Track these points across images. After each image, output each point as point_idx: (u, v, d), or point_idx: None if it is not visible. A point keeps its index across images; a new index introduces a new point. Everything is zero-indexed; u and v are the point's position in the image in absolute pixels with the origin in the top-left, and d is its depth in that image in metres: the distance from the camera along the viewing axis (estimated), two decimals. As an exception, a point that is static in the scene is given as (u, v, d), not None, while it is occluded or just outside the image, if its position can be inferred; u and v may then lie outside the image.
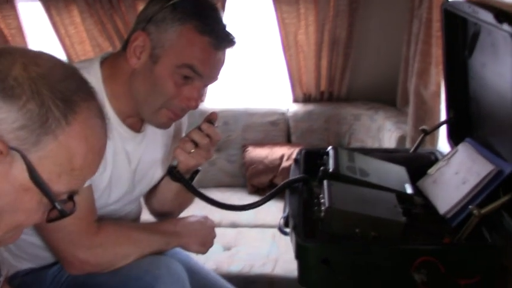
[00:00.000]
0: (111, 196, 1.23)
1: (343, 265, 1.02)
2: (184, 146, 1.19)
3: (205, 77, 1.14)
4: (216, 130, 1.20)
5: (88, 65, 1.18)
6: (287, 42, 2.74)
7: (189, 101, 1.15)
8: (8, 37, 2.86)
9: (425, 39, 2.10)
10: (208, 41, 1.11)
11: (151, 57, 1.12)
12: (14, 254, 1.27)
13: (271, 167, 2.72)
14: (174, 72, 1.11)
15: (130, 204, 1.35)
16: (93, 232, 1.13)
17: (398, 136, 2.33)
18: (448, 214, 1.17)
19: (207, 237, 1.31)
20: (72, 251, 1.11)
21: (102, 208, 1.22)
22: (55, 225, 1.08)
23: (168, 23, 1.10)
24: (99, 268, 1.14)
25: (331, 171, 1.25)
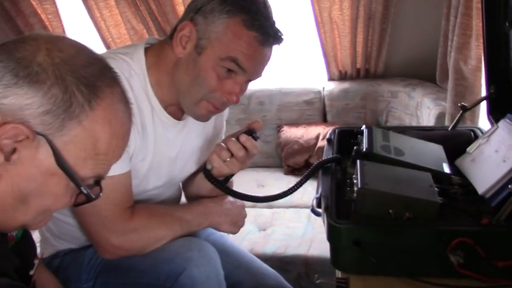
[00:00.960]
0: (150, 183, 1.25)
1: (376, 247, 1.00)
2: (220, 153, 1.18)
3: (248, 72, 1.13)
4: (254, 144, 1.19)
5: (132, 50, 1.19)
6: (321, 19, 2.69)
7: (230, 95, 1.14)
8: (46, 22, 2.92)
9: (465, 11, 2.02)
10: (254, 36, 1.09)
11: (197, 48, 1.12)
12: (55, 235, 1.31)
13: (306, 146, 2.70)
14: (218, 64, 1.11)
15: (170, 190, 1.36)
16: (127, 218, 1.14)
17: (437, 113, 2.26)
18: (487, 194, 1.12)
19: (237, 217, 1.31)
20: (106, 236, 1.13)
21: (140, 194, 1.24)
22: (91, 210, 1.10)
23: (216, 15, 1.10)
24: (132, 253, 1.16)
25: (364, 150, 1.22)
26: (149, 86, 1.18)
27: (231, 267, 1.34)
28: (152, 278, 1.12)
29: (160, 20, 2.80)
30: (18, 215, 0.72)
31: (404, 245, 1.00)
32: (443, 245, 0.96)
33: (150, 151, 1.21)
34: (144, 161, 1.20)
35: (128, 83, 1.13)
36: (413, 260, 1.01)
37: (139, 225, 1.15)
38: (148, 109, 1.18)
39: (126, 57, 1.17)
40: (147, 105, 1.18)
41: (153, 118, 1.20)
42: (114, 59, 1.15)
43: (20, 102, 0.66)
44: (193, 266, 1.10)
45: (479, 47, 1.93)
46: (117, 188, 1.12)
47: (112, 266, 1.20)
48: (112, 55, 1.16)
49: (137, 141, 1.16)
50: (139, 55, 1.18)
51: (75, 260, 1.27)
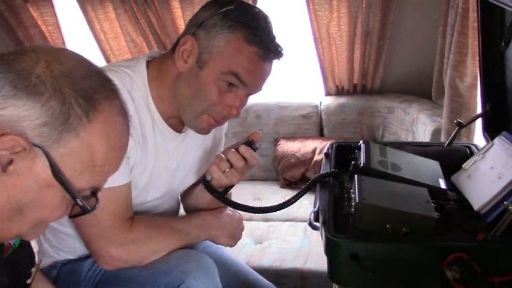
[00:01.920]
0: (149, 194, 1.26)
1: (373, 261, 1.01)
2: (219, 164, 1.19)
3: (249, 86, 1.15)
4: (253, 154, 1.20)
5: (134, 63, 1.20)
6: (319, 35, 2.72)
7: (230, 108, 1.16)
8: (46, 33, 2.94)
9: (462, 30, 2.05)
10: (255, 51, 1.11)
11: (198, 62, 1.13)
12: (53, 246, 1.31)
13: (303, 160, 2.71)
14: (219, 78, 1.12)
15: (169, 202, 1.37)
16: (126, 229, 1.15)
17: (433, 129, 2.29)
18: (482, 210, 1.14)
19: (235, 230, 1.32)
20: (105, 247, 1.13)
21: (139, 205, 1.24)
22: (90, 221, 1.11)
23: (218, 30, 1.11)
24: (130, 264, 1.16)
25: (362, 165, 1.23)
26: (150, 98, 1.19)
27: (228, 280, 1.34)
28: None
29: (160, 34, 2.83)
30: (14, 225, 0.72)
31: (401, 260, 1.01)
32: (440, 260, 0.98)
33: (150, 163, 1.22)
34: (144, 173, 1.21)
35: (130, 95, 1.15)
36: (409, 275, 1.02)
37: (138, 236, 1.16)
38: (149, 121, 1.20)
39: (128, 70, 1.18)
40: (148, 118, 1.19)
41: (154, 130, 1.21)
42: (116, 71, 1.16)
43: (18, 113, 0.66)
44: (191, 278, 1.10)
45: (475, 65, 1.96)
46: (117, 199, 1.13)
47: (111, 277, 1.20)
48: (114, 68, 1.18)
49: (138, 152, 1.17)
50: (141, 68, 1.19)
51: (74, 271, 1.27)
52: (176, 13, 2.79)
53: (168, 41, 2.83)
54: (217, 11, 1.13)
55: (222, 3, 1.14)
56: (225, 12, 1.12)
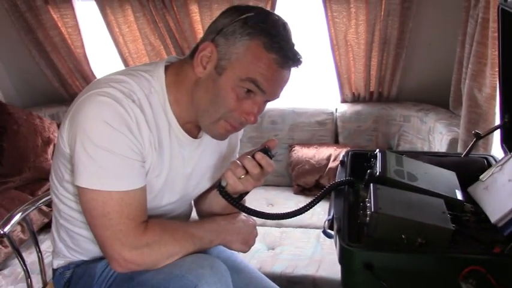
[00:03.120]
0: (164, 199, 1.26)
1: (388, 271, 1.00)
2: (235, 171, 1.19)
3: (267, 93, 1.15)
4: (269, 161, 1.19)
5: (153, 68, 1.21)
6: (336, 42, 2.72)
7: (248, 115, 1.16)
8: (65, 35, 2.98)
9: (481, 40, 2.03)
10: (274, 58, 1.11)
11: (217, 68, 1.14)
12: (67, 246, 1.32)
13: (317, 167, 2.70)
14: (237, 85, 1.12)
15: (183, 206, 1.38)
16: (140, 232, 1.15)
17: (450, 139, 2.27)
18: (499, 223, 1.12)
19: (249, 236, 1.32)
20: (119, 250, 1.13)
21: (154, 209, 1.25)
22: (106, 223, 1.11)
23: (237, 37, 1.12)
24: (143, 267, 1.16)
25: (378, 174, 1.23)
26: (168, 103, 1.20)
27: (241, 285, 1.34)
28: None
29: (177, 37, 2.85)
30: None
31: (415, 271, 1.01)
32: (455, 272, 0.97)
33: (166, 167, 1.22)
34: (159, 177, 1.22)
35: (148, 100, 1.16)
36: (424, 286, 1.02)
37: (152, 240, 1.16)
38: (165, 126, 1.20)
39: (146, 74, 1.19)
40: (165, 123, 1.20)
41: (170, 135, 1.22)
42: (135, 75, 1.17)
43: None
44: (204, 283, 1.09)
45: (494, 75, 1.94)
46: (132, 202, 1.13)
47: (124, 280, 1.20)
48: (133, 72, 1.19)
49: (154, 157, 1.18)
50: (159, 73, 1.20)
51: (87, 272, 1.28)
52: (194, 17, 2.80)
53: (185, 45, 2.85)
54: (237, 18, 1.13)
55: (241, 10, 1.15)
56: (244, 19, 1.12)
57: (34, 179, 2.64)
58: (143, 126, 1.13)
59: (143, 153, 1.15)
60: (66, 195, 1.23)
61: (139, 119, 1.12)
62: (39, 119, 2.79)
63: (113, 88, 1.12)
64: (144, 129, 1.13)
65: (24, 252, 2.17)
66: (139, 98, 1.14)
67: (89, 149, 1.09)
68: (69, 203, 1.24)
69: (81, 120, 1.10)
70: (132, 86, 1.14)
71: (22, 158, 2.62)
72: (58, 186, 1.25)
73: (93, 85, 1.16)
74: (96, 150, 1.08)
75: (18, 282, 2.09)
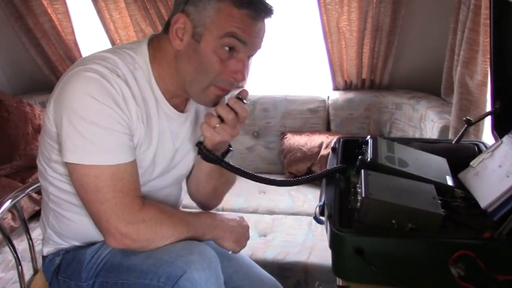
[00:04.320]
0: (154, 172, 1.27)
1: (378, 256, 1.00)
2: (209, 121, 1.20)
3: (249, 45, 1.16)
4: (243, 106, 1.20)
5: (137, 46, 1.23)
6: (329, 29, 2.71)
7: (235, 74, 1.17)
8: (55, 21, 2.94)
9: (473, 26, 2.03)
10: (246, 13, 1.13)
11: (194, 36, 1.15)
12: (56, 231, 1.32)
13: (309, 154, 2.71)
14: (218, 46, 1.14)
15: (172, 185, 1.38)
16: (137, 208, 1.15)
17: (441, 126, 2.27)
18: (489, 208, 1.13)
19: (241, 236, 1.33)
20: (115, 224, 1.13)
21: (145, 183, 1.25)
22: (99, 198, 1.12)
23: (206, 2, 1.13)
24: (138, 244, 1.16)
25: (369, 160, 1.23)
26: (153, 78, 1.21)
27: (231, 272, 1.34)
28: (152, 279, 1.13)
29: (169, 24, 2.82)
30: None
31: (405, 256, 1.01)
32: (445, 257, 0.97)
33: (154, 142, 1.23)
34: (148, 151, 1.23)
35: (133, 75, 1.17)
36: (414, 271, 1.02)
37: (149, 217, 1.17)
38: (152, 101, 1.22)
39: (130, 51, 1.21)
40: (152, 97, 1.22)
41: (157, 110, 1.23)
42: (120, 53, 1.19)
43: None
44: (193, 270, 1.10)
45: (486, 62, 1.94)
46: (124, 176, 1.14)
47: (112, 266, 1.20)
48: (117, 50, 1.21)
49: (142, 131, 1.19)
50: (142, 50, 1.22)
51: (76, 258, 1.28)
52: (186, 4, 2.77)
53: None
54: None
55: None
56: None
57: (25, 166, 2.63)
58: (130, 100, 1.14)
59: (131, 127, 1.16)
60: (55, 176, 1.23)
61: (125, 93, 1.13)
62: (30, 106, 2.77)
63: (98, 64, 1.13)
64: (131, 102, 1.15)
65: (15, 240, 2.17)
66: (124, 74, 1.15)
67: (76, 124, 1.09)
68: (58, 184, 1.24)
69: (67, 96, 1.10)
70: (116, 62, 1.16)
71: (12, 145, 2.60)
72: (46, 168, 1.25)
73: (78, 63, 1.16)
74: (84, 125, 1.09)
75: (9, 270, 2.08)
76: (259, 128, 2.88)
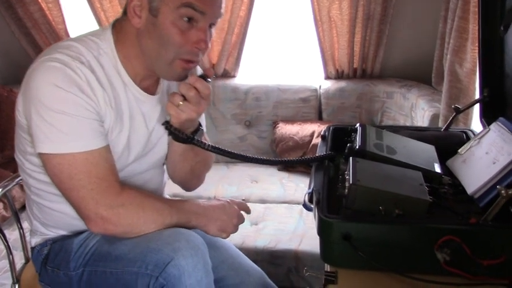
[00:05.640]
0: (130, 156, 1.28)
1: (365, 242, 1.01)
2: (172, 99, 1.19)
3: (207, 14, 1.15)
4: (204, 84, 1.18)
5: (100, 32, 1.24)
6: (320, 18, 2.70)
7: (198, 43, 1.16)
8: (46, 10, 2.92)
9: (463, 14, 2.03)
10: None
11: (151, 11, 1.15)
12: (42, 222, 1.32)
13: (301, 143, 2.71)
14: (176, 17, 1.13)
15: (152, 169, 1.38)
16: (115, 192, 1.16)
17: (432, 115, 2.28)
18: (476, 194, 1.15)
19: (227, 223, 1.30)
20: (95, 209, 1.15)
21: (123, 168, 1.26)
22: (76, 185, 1.13)
23: None
24: (120, 229, 1.17)
25: (357, 148, 1.24)
26: (119, 62, 1.22)
27: (216, 262, 1.33)
28: (140, 267, 1.13)
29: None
30: None
31: (392, 241, 1.02)
32: (431, 242, 0.99)
33: (126, 126, 1.24)
34: (120, 135, 1.23)
35: (98, 61, 1.18)
36: (401, 256, 1.03)
37: (129, 201, 1.17)
38: (120, 85, 1.22)
39: (94, 37, 1.22)
40: (119, 82, 1.22)
41: (126, 94, 1.23)
42: (84, 40, 1.19)
43: None
44: (180, 256, 1.10)
45: (475, 50, 1.95)
46: (98, 161, 1.15)
47: (101, 255, 1.21)
48: (82, 37, 1.21)
49: (111, 115, 1.19)
50: (106, 34, 1.22)
51: (64, 248, 1.28)
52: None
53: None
54: None
55: None
56: None
57: (16, 156, 2.62)
58: (95, 86, 1.15)
59: (100, 113, 1.16)
60: (32, 168, 1.24)
61: (90, 79, 1.14)
62: (20, 96, 2.75)
63: (60, 53, 1.13)
64: (97, 88, 1.15)
65: (6, 229, 2.17)
66: (88, 60, 1.16)
67: (44, 115, 1.10)
68: (36, 176, 1.25)
69: (33, 88, 1.11)
70: (79, 49, 1.16)
71: (3, 135, 2.59)
72: (23, 161, 1.25)
73: (42, 55, 1.17)
74: (52, 115, 1.10)
75: (0, 259, 2.08)
76: (251, 118, 2.88)
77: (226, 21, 2.77)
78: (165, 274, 1.10)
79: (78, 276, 1.23)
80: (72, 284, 1.24)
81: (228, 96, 2.86)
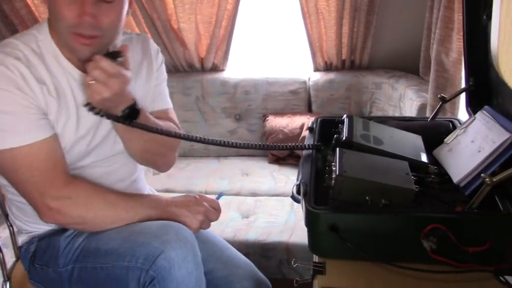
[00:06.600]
0: (85, 142, 1.27)
1: (353, 232, 1.02)
2: (84, 79, 1.19)
3: None
4: (107, 62, 1.16)
5: (40, 24, 1.25)
6: (307, 9, 2.70)
7: (81, 16, 1.14)
8: (32, 7, 2.89)
9: (448, 4, 2.04)
10: None
11: None
12: (22, 220, 1.33)
13: (291, 136, 2.71)
14: None
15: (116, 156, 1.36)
16: (61, 183, 1.19)
17: (419, 105, 2.30)
18: (461, 183, 1.15)
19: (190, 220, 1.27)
20: (41, 200, 1.17)
21: (84, 156, 1.27)
22: (21, 178, 1.16)
23: None
24: (70, 220, 1.20)
25: (344, 139, 1.24)
26: (57, 49, 1.22)
27: (205, 255, 1.33)
28: (130, 261, 1.14)
29: (147, 7, 2.79)
30: None
31: (379, 231, 1.03)
32: (417, 231, 1.00)
33: (73, 113, 1.24)
34: (68, 123, 1.23)
35: (36, 53, 1.19)
36: (388, 246, 1.04)
37: (76, 194, 1.19)
38: (61, 74, 1.22)
39: (33, 30, 1.24)
40: (59, 69, 1.22)
41: (67, 80, 1.23)
42: (24, 35, 1.22)
43: None
44: (170, 249, 1.11)
45: (461, 40, 1.96)
46: (38, 154, 1.17)
47: (90, 251, 1.21)
48: (24, 32, 1.24)
49: (54, 106, 1.20)
50: (43, 25, 1.24)
51: (52, 245, 1.29)
52: (164, -13, 2.75)
53: (155, 16, 2.80)
54: None
55: None
56: None
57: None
58: (31, 80, 1.16)
59: (40, 106, 1.17)
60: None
61: (25, 75, 1.15)
62: (8, 94, 2.73)
63: None
64: (33, 83, 1.16)
65: (-4, 228, 2.16)
66: (26, 55, 1.17)
67: None
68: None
69: None
70: (16, 45, 1.18)
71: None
72: None
73: None
74: None
75: (-9, 258, 2.08)
76: (241, 111, 2.88)
77: (213, 14, 2.76)
78: (155, 267, 1.11)
79: (68, 272, 1.23)
80: (62, 280, 1.24)
81: (217, 90, 2.86)
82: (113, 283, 1.18)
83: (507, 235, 0.99)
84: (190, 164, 2.80)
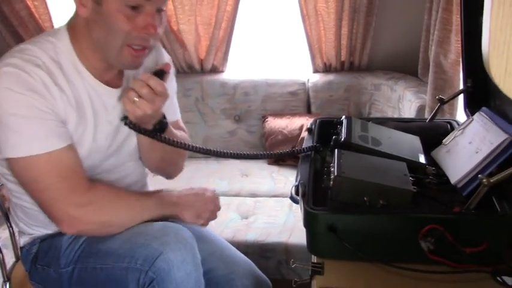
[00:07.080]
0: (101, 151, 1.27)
1: (351, 233, 1.03)
2: (128, 95, 1.19)
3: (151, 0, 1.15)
4: (157, 80, 1.18)
5: (57, 31, 1.23)
6: (306, 11, 2.71)
7: (146, 28, 1.16)
8: (32, 9, 2.90)
9: (446, 6, 2.05)
10: None
11: (95, 0, 1.14)
12: (26, 223, 1.33)
13: (290, 137, 2.72)
14: (120, 5, 1.13)
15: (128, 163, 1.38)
16: (82, 190, 1.17)
17: (418, 106, 2.30)
18: (459, 183, 1.16)
19: (202, 209, 1.32)
20: (63, 208, 1.15)
21: (99, 164, 1.27)
22: (41, 187, 1.14)
23: None
24: (91, 227, 1.19)
25: (342, 140, 1.25)
26: (76, 58, 1.21)
27: (205, 254, 1.34)
28: (130, 262, 1.14)
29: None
30: None
31: (377, 232, 1.04)
32: (415, 232, 1.00)
33: (90, 122, 1.23)
34: (86, 133, 1.23)
35: (55, 61, 1.17)
36: (386, 246, 1.05)
37: (97, 198, 1.18)
38: (80, 83, 1.21)
39: (50, 37, 1.21)
40: (78, 79, 1.21)
41: (86, 90, 1.23)
42: (39, 42, 1.19)
43: None
44: (169, 250, 1.12)
45: (459, 41, 1.96)
46: (58, 162, 1.15)
47: (91, 251, 1.22)
48: (38, 39, 1.21)
49: (73, 116, 1.19)
50: (62, 33, 1.22)
51: (53, 245, 1.29)
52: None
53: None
54: None
55: None
56: None
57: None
58: (52, 87, 1.14)
59: (59, 114, 1.16)
60: (6, 172, 1.24)
61: (45, 81, 1.13)
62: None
63: (15, 58, 1.13)
64: (54, 89, 1.15)
65: (-3, 228, 2.17)
66: (44, 62, 1.15)
67: (2, 119, 1.11)
68: (12, 179, 1.25)
69: None
70: (35, 52, 1.16)
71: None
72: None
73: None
74: (8, 118, 1.10)
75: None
76: (240, 112, 2.89)
77: (213, 16, 2.77)
78: (155, 268, 1.12)
79: (68, 273, 1.24)
80: (62, 281, 1.25)
81: (216, 92, 2.87)
82: (113, 284, 1.18)
83: (504, 236, 1.00)
84: (190, 165, 2.80)
